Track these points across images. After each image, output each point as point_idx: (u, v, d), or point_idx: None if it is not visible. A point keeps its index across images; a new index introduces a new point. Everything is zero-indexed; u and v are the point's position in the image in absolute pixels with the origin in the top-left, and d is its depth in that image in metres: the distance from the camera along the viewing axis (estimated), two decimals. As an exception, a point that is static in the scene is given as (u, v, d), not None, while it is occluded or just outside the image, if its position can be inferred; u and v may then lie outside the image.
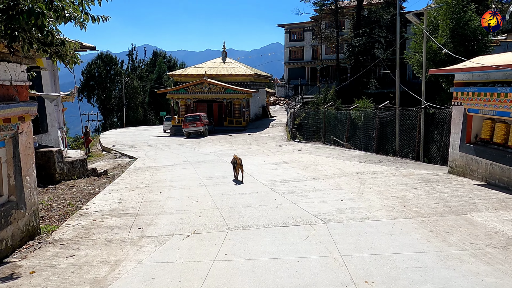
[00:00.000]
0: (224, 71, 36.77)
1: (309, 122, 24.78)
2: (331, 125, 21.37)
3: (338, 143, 20.50)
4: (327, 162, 14.73)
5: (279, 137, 26.65)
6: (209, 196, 9.26)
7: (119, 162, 18.69)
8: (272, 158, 16.63)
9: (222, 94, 34.74)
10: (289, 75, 54.98)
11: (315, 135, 23.30)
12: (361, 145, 18.27)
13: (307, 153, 17.77)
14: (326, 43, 47.37)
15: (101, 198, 9.42)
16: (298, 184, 10.48)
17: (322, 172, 12.40)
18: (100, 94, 52.22)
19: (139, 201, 8.92)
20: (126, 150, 23.40)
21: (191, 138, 30.17)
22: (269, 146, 21.88)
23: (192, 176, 12.78)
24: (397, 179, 10.45)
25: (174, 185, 11.13)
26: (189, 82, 35.32)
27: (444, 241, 5.47)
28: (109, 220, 7.30)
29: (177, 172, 14.07)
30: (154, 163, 17.27)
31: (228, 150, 20.87)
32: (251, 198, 8.85)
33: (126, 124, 49.32)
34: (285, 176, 11.96)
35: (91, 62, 52.47)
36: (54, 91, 14.31)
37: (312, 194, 9.07)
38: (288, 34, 54.57)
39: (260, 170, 13.50)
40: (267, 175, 12.18)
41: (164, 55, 63.14)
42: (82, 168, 12.52)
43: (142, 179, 12.59)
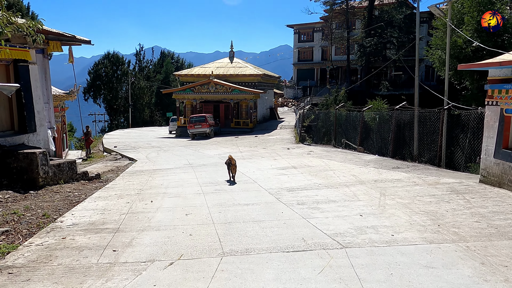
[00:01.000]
0: (232, 71, 35.53)
1: (318, 124, 23.42)
2: (343, 127, 19.98)
3: (350, 147, 19.11)
4: (339, 167, 13.37)
5: (287, 140, 25.31)
6: (206, 207, 7.96)
7: (117, 165, 17.49)
8: (279, 162, 15.30)
9: (229, 95, 33.50)
10: (298, 76, 53.58)
11: (325, 138, 21.93)
12: (375, 149, 16.86)
13: (317, 157, 16.42)
14: (336, 44, 45.95)
15: (83, 208, 8.17)
16: (308, 193, 9.14)
17: (335, 179, 11.04)
18: (107, 94, 51.27)
19: (124, 212, 7.65)
20: (127, 151, 22.23)
21: (196, 140, 28.97)
22: (276, 149, 20.55)
23: (191, 182, 11.51)
24: (422, 189, 9.05)
25: (169, 192, 9.86)
26: (195, 82, 34.15)
27: (506, 280, 4.10)
28: (81, 237, 6.02)
29: (176, 176, 12.80)
30: (154, 166, 16.03)
31: (233, 153, 19.58)
32: (254, 211, 7.53)
33: (132, 124, 48.30)
34: (293, 183, 10.62)
35: (97, 62, 51.58)
36: (44, 88, 13.14)
37: (325, 206, 7.72)
38: (297, 34, 53.20)
39: (266, 175, 12.18)
40: (273, 182, 10.85)
41: (172, 55, 62.10)
42: (70, 172, 11.31)
43: (136, 184, 11.34)
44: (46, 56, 13.26)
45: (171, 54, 62.87)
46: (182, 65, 59.39)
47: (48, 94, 13.32)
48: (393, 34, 40.15)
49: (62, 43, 13.34)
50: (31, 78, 12.11)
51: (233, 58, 38.21)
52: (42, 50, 13.02)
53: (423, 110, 13.64)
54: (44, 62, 13.13)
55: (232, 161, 11.30)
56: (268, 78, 38.17)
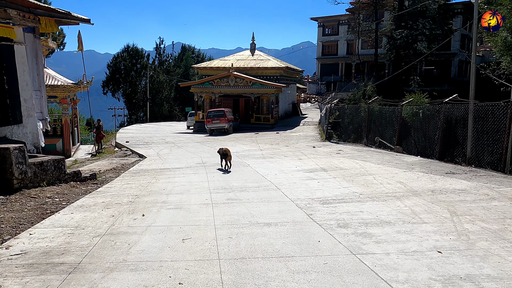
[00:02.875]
0: (253, 63, 33.29)
1: (345, 121, 20.97)
2: (376, 124, 17.49)
3: (384, 146, 16.63)
4: (378, 170, 10.98)
5: (312, 137, 22.94)
6: (212, 227, 5.77)
7: (123, 162, 15.54)
8: (305, 163, 13.00)
9: (250, 89, 31.28)
10: (322, 71, 50.87)
11: (355, 135, 19.47)
12: (417, 149, 14.36)
13: (349, 158, 14.03)
14: (363, 37, 43.07)
15: (51, 223, 6.11)
16: (349, 207, 6.84)
17: (378, 187, 8.69)
18: (126, 88, 49.75)
19: (100, 233, 5.54)
20: (138, 147, 20.33)
21: (213, 136, 26.90)
22: (300, 147, 18.23)
23: (199, 186, 9.35)
24: (504, 206, 6.62)
25: (170, 201, 7.72)
26: (214, 75, 32.07)
27: None
28: (14, 282, 3.92)
29: (184, 178, 10.67)
30: (162, 164, 13.99)
31: (253, 151, 17.39)
32: (278, 237, 5.29)
33: (150, 119, 46.68)
34: (326, 191, 8.33)
35: (117, 55, 50.13)
36: (35, 73, 11.22)
37: (379, 231, 5.42)
38: (321, 28, 50.46)
39: (291, 180, 9.91)
40: (300, 189, 8.59)
41: (192, 50, 60.21)
42: (57, 171, 9.32)
43: (134, 188, 9.26)
44: (38, 36, 11.31)
45: (192, 48, 61.00)
46: (202, 59, 57.37)
47: (39, 80, 11.39)
48: (426, 26, 37.03)
49: (57, 21, 11.37)
50: (16, 60, 10.17)
51: (254, 50, 35.94)
52: (33, 29, 11.08)
53: (482, 103, 11.09)
54: (35, 43, 11.19)
55: (228, 153, 11.50)
56: (291, 72, 35.77)
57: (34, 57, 11.20)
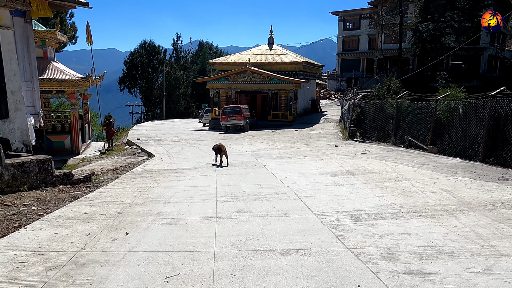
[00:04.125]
0: (270, 58, 31.69)
1: (369, 118, 19.19)
2: (405, 121, 15.70)
3: (415, 145, 14.86)
4: (415, 175, 9.32)
5: (333, 135, 21.26)
6: (211, 255, 4.29)
7: (129, 161, 14.25)
8: (328, 164, 11.41)
9: (267, 84, 29.70)
10: (342, 67, 48.81)
11: (380, 134, 17.70)
12: (454, 150, 12.57)
13: (377, 159, 12.37)
14: (387, 31, 40.84)
15: (4, 245, 4.75)
16: (390, 227, 5.26)
17: (420, 196, 7.06)
18: (143, 84, 48.75)
19: (62, 263, 4.13)
20: (149, 145, 19.06)
21: (229, 133, 25.47)
22: (321, 146, 16.61)
23: (205, 192, 7.90)
24: None
25: (167, 212, 6.28)
26: (231, 71, 30.61)
27: None
28: None
29: (189, 182, 9.24)
30: (170, 164, 12.61)
31: (269, 149, 15.87)
32: (299, 275, 3.77)
33: (166, 116, 45.62)
34: (357, 202, 6.75)
35: (134, 51, 49.17)
36: (26, 62, 9.98)
37: (441, 270, 3.83)
38: (342, 22, 48.38)
39: (313, 185, 8.36)
40: (325, 199, 7.03)
41: (210, 46, 58.90)
42: (42, 174, 8.01)
43: (130, 193, 7.87)
44: (29, 21, 10.04)
45: (209, 45, 59.68)
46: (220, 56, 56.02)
47: (31, 70, 10.13)
48: (454, 18, 34.64)
49: (51, 4, 10.07)
50: (1, 47, 8.91)
51: (273, 45, 34.30)
52: (23, 12, 9.82)
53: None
54: (26, 28, 9.93)
55: (222, 148, 11.44)
56: (310, 67, 34.01)
57: (25, 44, 9.94)
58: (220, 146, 11.47)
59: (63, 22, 28.27)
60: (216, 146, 11.58)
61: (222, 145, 11.58)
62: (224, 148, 11.48)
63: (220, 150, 11.45)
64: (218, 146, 11.50)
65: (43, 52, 19.63)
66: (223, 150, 11.46)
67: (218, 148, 11.47)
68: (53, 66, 19.38)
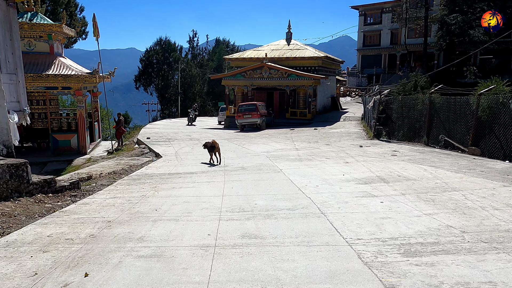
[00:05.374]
0: (288, 53, 30.00)
1: (396, 115, 17.38)
2: (440, 118, 13.87)
3: (452, 146, 13.04)
4: (463, 183, 7.61)
5: (356, 134, 19.50)
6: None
7: (132, 162, 12.90)
8: (355, 169, 9.76)
9: (285, 81, 28.05)
10: (362, 63, 46.65)
11: (410, 133, 15.88)
12: (503, 152, 10.74)
13: (411, 162, 10.65)
14: (411, 25, 38.57)
15: None
16: (460, 269, 3.62)
17: (481, 214, 5.39)
18: (159, 82, 47.65)
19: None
20: (158, 144, 17.73)
21: (245, 132, 23.96)
22: (344, 147, 14.92)
23: (209, 205, 6.40)
24: None
25: (152, 236, 4.80)
26: (247, 67, 29.07)
27: None
28: None
29: (192, 190, 7.77)
30: (175, 167, 11.18)
31: (287, 150, 14.28)
32: None
33: (181, 114, 44.44)
34: (401, 223, 5.13)
35: (149, 48, 48.14)
36: (9, 51, 8.68)
37: None
38: (363, 17, 46.20)
39: (340, 197, 6.76)
40: (358, 218, 5.43)
41: (227, 43, 57.50)
42: (15, 181, 6.66)
43: (117, 206, 6.44)
44: (12, 4, 8.72)
45: (226, 42, 58.28)
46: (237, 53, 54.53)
47: (15, 61, 8.81)
48: (484, 10, 32.16)
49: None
50: (-24, 32, 7.60)
51: (291, 39, 32.57)
52: (4, -6, 8.49)
53: None
54: (8, 12, 8.60)
55: (216, 145, 11.00)
56: (330, 62, 32.17)
57: (8, 31, 8.62)
58: (213, 143, 10.98)
59: (73, 17, 27.32)
60: (209, 144, 11.04)
61: (216, 142, 11.12)
62: (217, 146, 10.98)
63: (213, 147, 10.95)
64: (211, 144, 10.97)
65: (49, 46, 18.54)
66: (217, 147, 10.96)
67: (211, 145, 10.94)
68: (59, 62, 18.25)
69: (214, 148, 11.04)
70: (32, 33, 18.10)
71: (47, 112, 19.42)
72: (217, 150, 11.09)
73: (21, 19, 18.03)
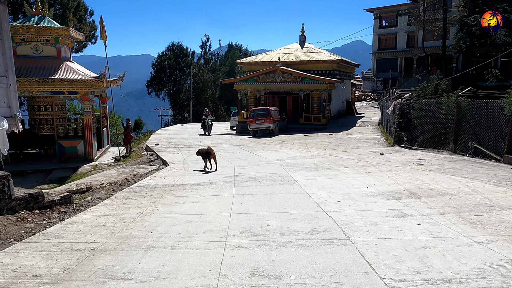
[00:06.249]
0: (302, 57, 29.01)
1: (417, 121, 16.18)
2: (469, 123, 12.67)
3: (483, 154, 11.84)
4: (510, 199, 6.49)
5: (374, 140, 18.35)
6: None
7: (137, 171, 12.03)
8: (379, 180, 8.70)
9: (298, 85, 27.03)
10: (378, 66, 45.30)
11: (435, 139, 14.67)
12: (545, 161, 9.51)
13: (440, 172, 9.53)
14: (428, 27, 37.19)
15: None
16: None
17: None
18: (170, 87, 47.04)
19: None
20: (167, 151, 16.88)
21: (257, 137, 22.99)
22: (363, 154, 13.82)
23: (214, 225, 5.45)
24: None
25: (140, 272, 3.86)
26: (259, 71, 28.15)
27: None
28: None
29: (197, 205, 6.83)
30: (181, 177, 10.27)
31: (302, 158, 13.24)
32: None
33: (193, 119, 43.72)
34: (449, 254, 4.08)
35: (161, 53, 47.61)
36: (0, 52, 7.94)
37: None
38: (377, 19, 44.91)
39: (367, 216, 5.73)
40: (394, 246, 4.39)
41: (239, 48, 56.76)
42: (-5, 196, 5.82)
43: (108, 227, 5.53)
44: (2, 1, 7.95)
45: (239, 47, 57.53)
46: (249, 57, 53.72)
47: (6, 62, 8.01)
48: (507, 10, 30.71)
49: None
50: (-41, 30, 6.82)
51: (304, 43, 31.58)
52: (-7, -11, 7.73)
53: None
54: (-3, 8, 7.82)
55: (212, 152, 10.80)
56: (345, 66, 31.05)
57: (-3, 29, 7.85)
58: (208, 149, 10.73)
59: (82, 21, 26.78)
60: (203, 151, 10.83)
61: (211, 148, 10.88)
62: (213, 152, 10.73)
63: (209, 154, 10.71)
64: (206, 150, 10.75)
65: (56, 50, 17.91)
66: (212, 154, 10.71)
67: (206, 152, 10.70)
68: (66, 66, 17.60)
69: (209, 155, 10.79)
70: (38, 37, 17.51)
71: (53, 118, 18.78)
72: (213, 156, 10.83)
73: (28, 23, 17.49)
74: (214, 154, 10.93)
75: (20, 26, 17.10)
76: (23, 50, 17.60)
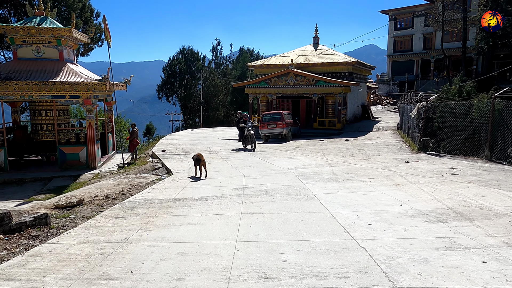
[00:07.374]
0: (316, 59, 27.65)
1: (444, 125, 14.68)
2: (509, 128, 11.17)
3: (525, 162, 10.31)
4: None
5: (395, 146, 16.87)
6: None
7: (136, 182, 10.85)
8: (411, 194, 7.32)
9: (312, 88, 25.66)
10: (393, 69, 43.61)
11: (466, 145, 13.17)
12: None
13: (482, 184, 8.12)
14: (447, 28, 35.50)
15: None
16: None
17: None
18: (181, 92, 46.08)
19: None
20: (173, 158, 15.69)
21: (269, 143, 21.67)
22: (386, 162, 12.40)
23: (213, 261, 4.15)
24: None
25: None
26: (271, 74, 26.89)
27: None
28: None
29: (196, 228, 5.56)
30: (183, 189, 9.04)
31: (318, 166, 11.88)
32: None
33: (204, 124, 42.63)
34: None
35: (172, 58, 46.75)
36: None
37: None
38: (393, 21, 43.28)
39: (411, 247, 4.36)
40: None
41: (251, 52, 55.65)
42: None
43: (81, 260, 4.29)
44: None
45: (250, 51, 56.43)
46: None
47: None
48: (531, 8, 28.95)
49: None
50: None
51: (318, 45, 30.23)
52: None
53: None
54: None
55: (201, 158, 10.72)
56: (360, 68, 29.58)
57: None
58: (199, 156, 10.82)
59: (88, 23, 25.86)
60: (195, 157, 10.91)
61: (201, 155, 10.94)
62: (203, 159, 10.78)
63: (199, 160, 10.71)
64: (197, 157, 10.82)
65: (58, 52, 16.95)
66: (202, 160, 10.73)
67: (197, 158, 10.77)
68: (68, 69, 16.60)
69: (199, 161, 10.69)
70: (40, 38, 16.57)
71: (54, 123, 17.79)
72: (203, 163, 10.71)
73: (29, 24, 16.58)
74: (204, 161, 10.80)
75: (20, 27, 16.18)
76: (24, 52, 16.68)
